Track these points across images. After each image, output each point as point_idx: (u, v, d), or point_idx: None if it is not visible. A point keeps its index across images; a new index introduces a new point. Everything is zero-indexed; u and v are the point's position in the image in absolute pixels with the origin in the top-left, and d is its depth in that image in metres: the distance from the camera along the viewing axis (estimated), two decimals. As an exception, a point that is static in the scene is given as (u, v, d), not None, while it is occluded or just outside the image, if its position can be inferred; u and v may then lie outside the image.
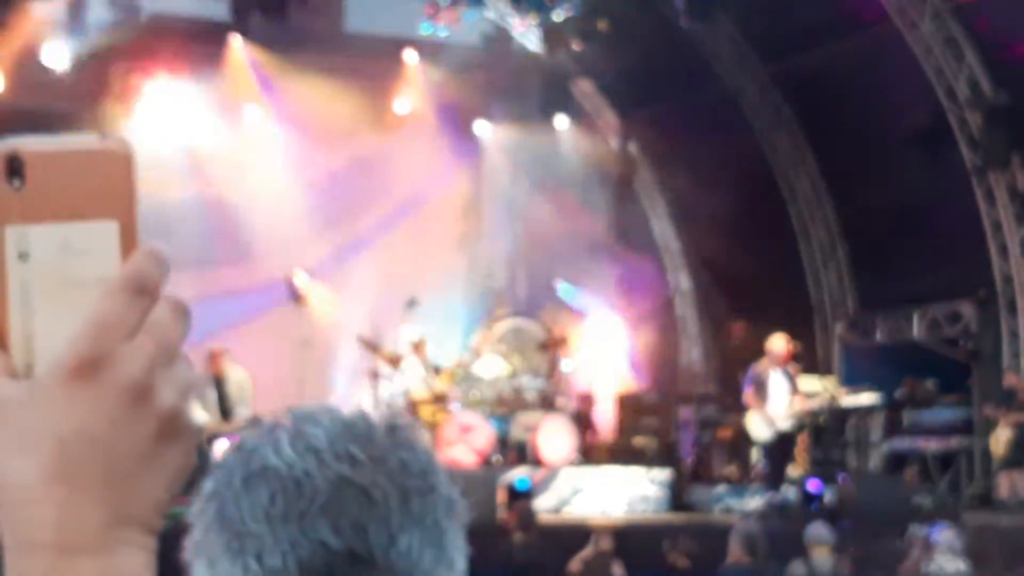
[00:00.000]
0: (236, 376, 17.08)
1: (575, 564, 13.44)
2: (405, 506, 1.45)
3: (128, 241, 1.07)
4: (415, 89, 22.03)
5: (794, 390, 17.08)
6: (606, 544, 13.49)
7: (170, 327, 1.07)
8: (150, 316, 1.06)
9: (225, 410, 16.90)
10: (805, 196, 22.18)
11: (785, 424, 17.02)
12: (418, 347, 18.20)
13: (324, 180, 21.03)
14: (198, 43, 20.45)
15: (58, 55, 18.76)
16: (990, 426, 17.78)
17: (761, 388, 17.07)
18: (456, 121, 22.02)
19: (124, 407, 1.05)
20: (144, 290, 1.06)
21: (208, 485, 1.47)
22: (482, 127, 22.86)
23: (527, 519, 14.91)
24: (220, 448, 14.73)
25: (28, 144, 1.06)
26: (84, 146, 1.08)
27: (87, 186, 1.07)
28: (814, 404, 17.58)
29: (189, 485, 1.23)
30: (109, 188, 1.07)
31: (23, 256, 1.06)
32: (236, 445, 1.49)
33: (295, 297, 20.34)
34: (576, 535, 14.33)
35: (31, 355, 1.07)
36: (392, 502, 1.44)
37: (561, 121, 22.86)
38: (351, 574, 1.41)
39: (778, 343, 17.17)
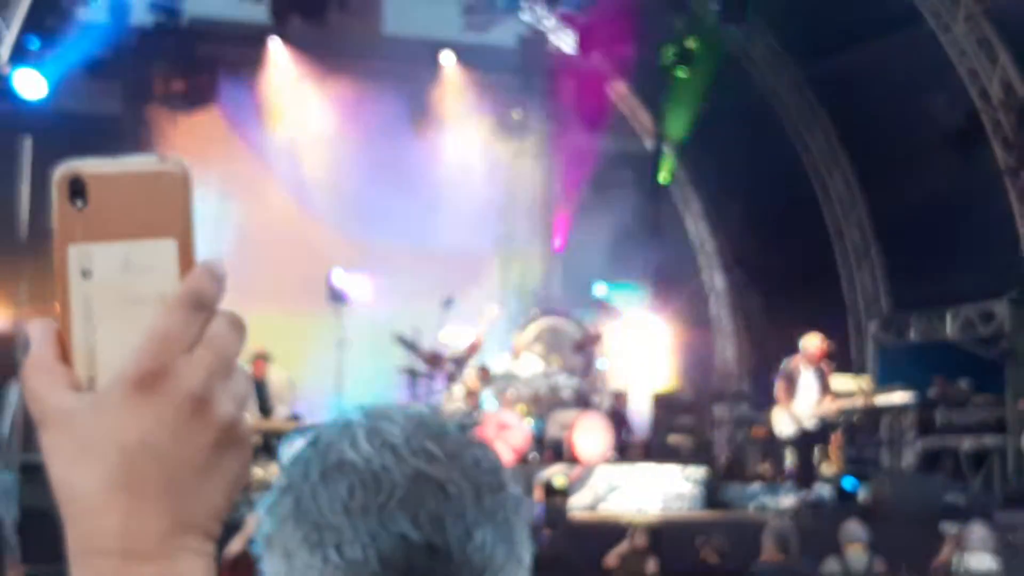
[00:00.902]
0: (277, 377, 17.42)
1: (611, 559, 13.52)
2: (479, 502, 1.46)
3: (186, 258, 1.09)
4: (451, 90, 22.15)
5: (824, 389, 17.09)
6: (642, 540, 13.56)
7: (227, 340, 1.09)
8: (208, 330, 1.08)
9: (265, 409, 17.21)
10: (839, 196, 22.24)
11: (810, 423, 17.06)
12: (471, 347, 18.35)
13: (361, 180, 21.18)
14: (237, 46, 20.64)
15: (100, 59, 18.91)
16: (1023, 424, 17.80)
17: (791, 384, 17.13)
18: (491, 122, 22.11)
19: (184, 418, 1.07)
20: (202, 305, 1.08)
21: (282, 479, 1.49)
22: (517, 128, 22.92)
23: (557, 516, 15.00)
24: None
25: (89, 166, 1.08)
26: (143, 167, 1.10)
27: (146, 206, 1.09)
28: (842, 406, 17.54)
29: None
30: (167, 207, 1.09)
31: (86, 273, 1.08)
32: (311, 441, 1.51)
33: (334, 296, 20.48)
34: (611, 531, 14.41)
35: (94, 368, 1.09)
36: (467, 498, 1.46)
37: (595, 122, 22.96)
38: (430, 567, 1.42)
39: (812, 341, 17.21)
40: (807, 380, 17.13)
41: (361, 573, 1.41)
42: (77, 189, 1.07)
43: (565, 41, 22.31)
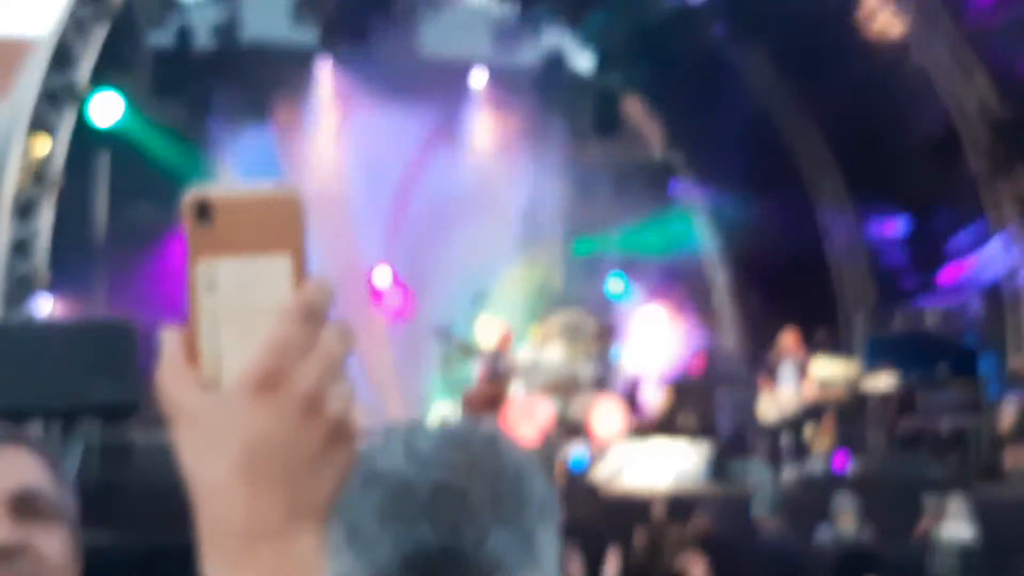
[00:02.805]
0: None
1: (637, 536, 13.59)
2: (497, 509, 1.49)
3: (299, 273, 1.11)
4: (481, 106, 22.40)
5: (803, 377, 17.39)
6: (660, 511, 13.71)
7: (337, 347, 1.10)
8: (320, 338, 1.09)
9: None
10: (831, 203, 22.46)
11: (792, 408, 17.36)
12: (503, 339, 18.64)
13: (398, 186, 21.38)
14: (290, 66, 20.89)
15: (167, 80, 19.21)
16: (996, 405, 17.94)
17: (771, 375, 17.49)
18: (518, 135, 22.39)
19: (299, 416, 1.08)
20: (315, 315, 1.09)
21: None
22: (539, 139, 23.13)
23: (577, 490, 15.16)
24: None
25: (215, 191, 1.11)
26: (261, 192, 1.12)
27: (265, 226, 1.11)
28: (820, 396, 17.78)
29: None
30: (283, 227, 1.11)
31: (212, 286, 1.10)
32: None
33: (374, 294, 20.74)
34: (628, 503, 14.67)
35: (219, 371, 1.10)
36: (485, 505, 1.49)
37: (611, 134, 23.24)
38: (445, 568, 1.46)
39: (785, 337, 17.55)
40: (786, 370, 17.44)
41: (388, 573, 1.46)
42: (204, 211, 1.10)
43: (584, 60, 22.55)
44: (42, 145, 17.47)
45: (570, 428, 18.13)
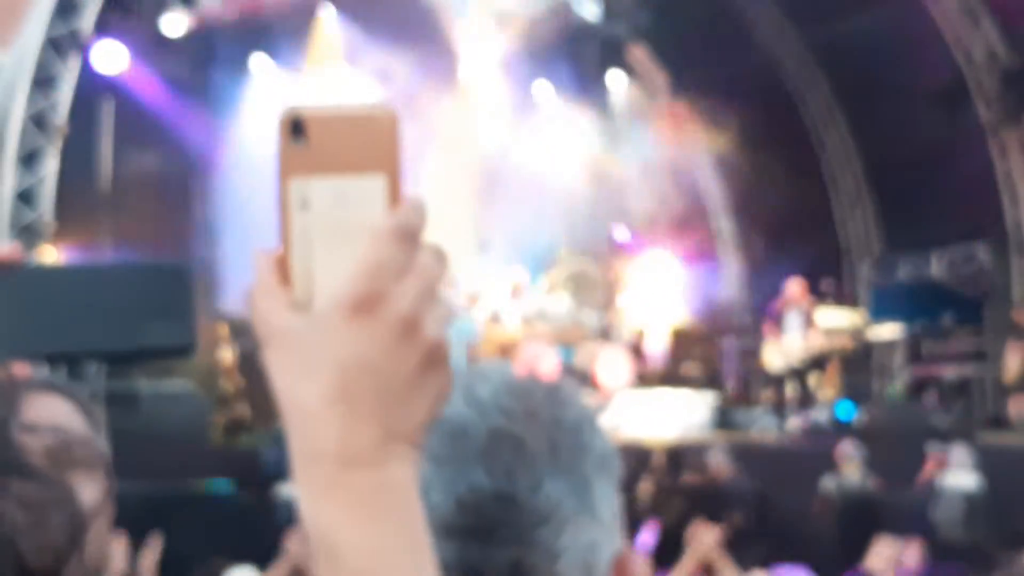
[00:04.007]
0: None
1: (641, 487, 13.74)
2: (554, 457, 1.46)
3: (394, 193, 1.10)
4: (482, 53, 22.37)
5: (808, 326, 17.47)
6: (661, 461, 13.83)
7: (433, 269, 1.09)
8: (416, 259, 1.08)
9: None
10: (835, 149, 22.48)
11: (797, 357, 17.45)
12: (515, 289, 18.69)
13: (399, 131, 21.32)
14: (292, 14, 20.87)
15: (174, 24, 19.20)
16: (1001, 354, 18.05)
17: (777, 324, 17.56)
18: (519, 83, 22.38)
19: (396, 339, 1.07)
20: (410, 236, 1.08)
21: None
22: (543, 89, 23.17)
23: None
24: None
25: (310, 109, 1.11)
26: (356, 112, 1.11)
27: (359, 145, 1.10)
28: (825, 345, 17.86)
29: None
30: (378, 147, 1.11)
31: (305, 205, 1.09)
32: None
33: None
34: (633, 453, 14.77)
35: (310, 292, 1.09)
36: (542, 452, 1.46)
37: (616, 83, 23.24)
38: (498, 512, 1.45)
39: (791, 285, 17.62)
40: (792, 319, 17.50)
41: (440, 515, 1.44)
42: (298, 129, 1.10)
43: (589, 10, 22.50)
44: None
45: (575, 377, 18.19)
